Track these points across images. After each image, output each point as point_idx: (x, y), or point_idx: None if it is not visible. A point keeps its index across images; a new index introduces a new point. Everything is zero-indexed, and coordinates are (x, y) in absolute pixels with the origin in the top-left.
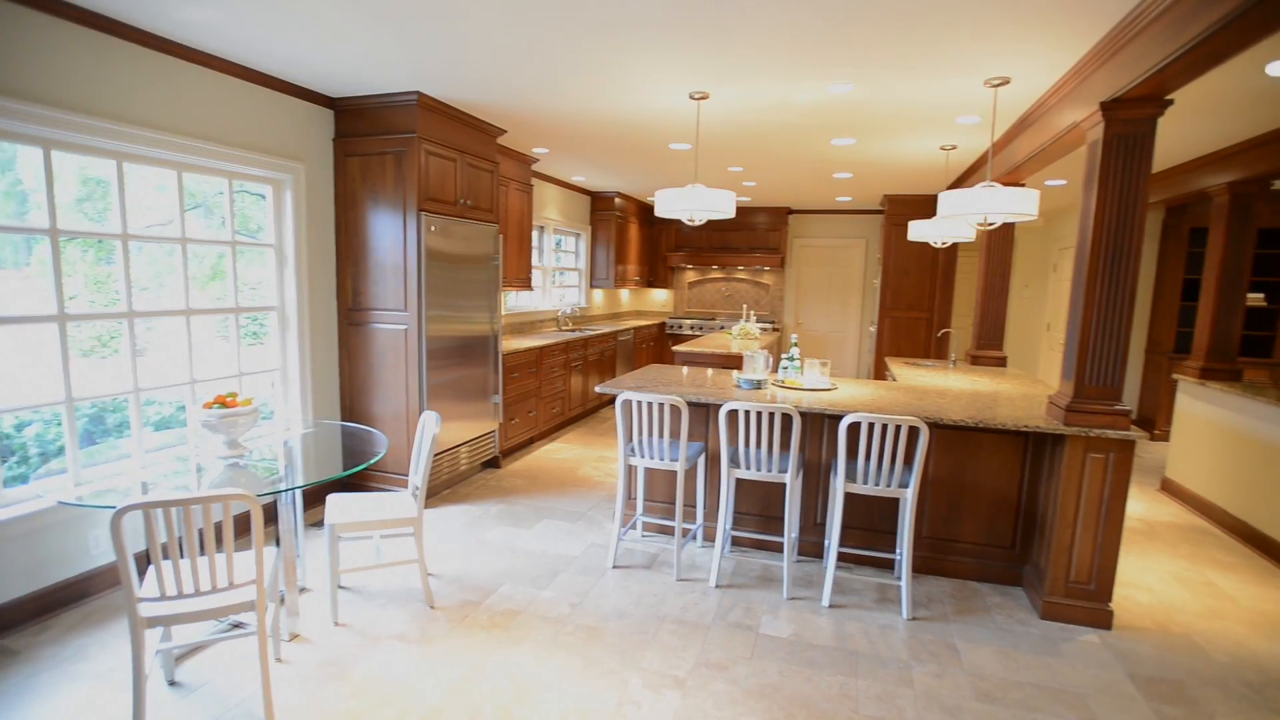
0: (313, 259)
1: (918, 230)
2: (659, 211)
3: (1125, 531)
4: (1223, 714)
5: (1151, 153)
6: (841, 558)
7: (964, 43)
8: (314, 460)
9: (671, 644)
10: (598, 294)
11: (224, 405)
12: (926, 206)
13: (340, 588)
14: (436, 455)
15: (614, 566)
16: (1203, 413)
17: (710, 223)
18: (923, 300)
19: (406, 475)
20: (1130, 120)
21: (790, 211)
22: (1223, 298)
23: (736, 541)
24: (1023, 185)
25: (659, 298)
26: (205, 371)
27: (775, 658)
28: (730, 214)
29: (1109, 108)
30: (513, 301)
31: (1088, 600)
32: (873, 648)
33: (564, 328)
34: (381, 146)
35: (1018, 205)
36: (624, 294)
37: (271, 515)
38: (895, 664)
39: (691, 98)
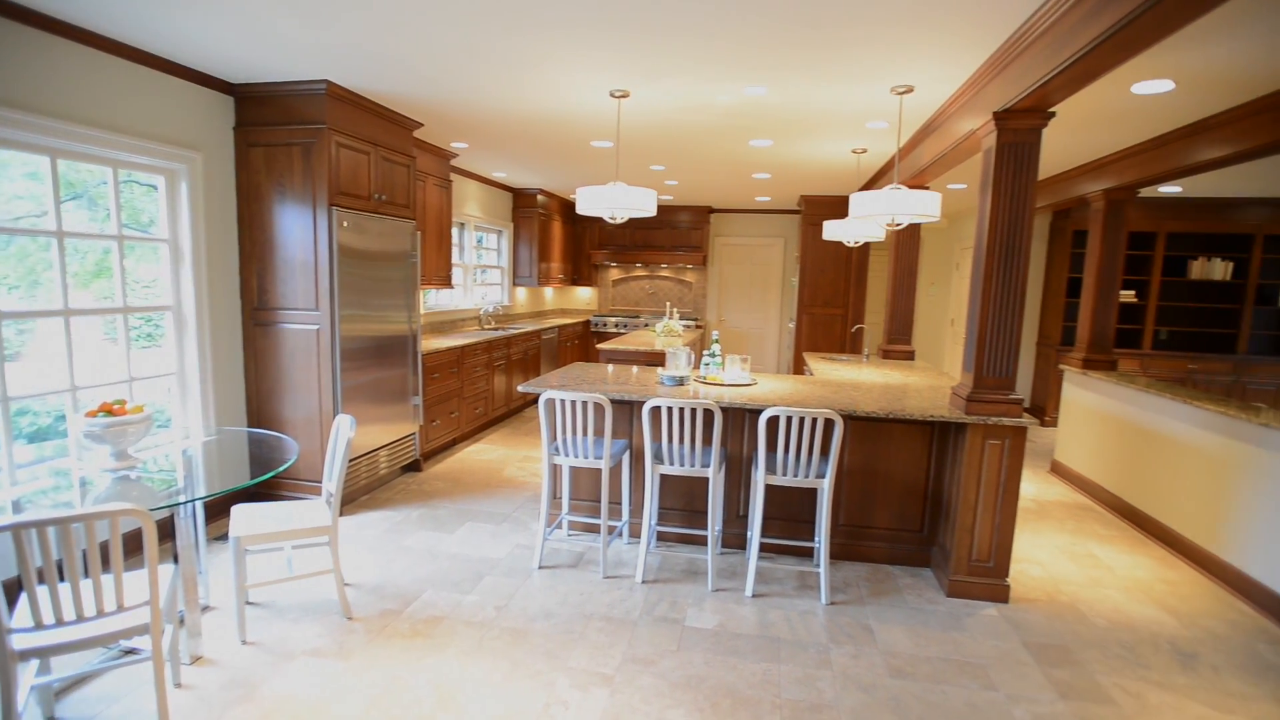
0: (213, 255)
1: (832, 230)
2: (580, 209)
3: (1020, 512)
4: (1102, 672)
5: (1038, 160)
6: (764, 548)
7: (871, 51)
8: (217, 469)
9: (599, 642)
10: (521, 292)
11: (110, 413)
12: (840, 207)
13: (248, 604)
14: (353, 460)
15: (540, 567)
16: (1085, 400)
17: (634, 221)
18: (838, 297)
19: (320, 482)
20: (1019, 130)
21: (712, 210)
22: (1100, 294)
23: (662, 537)
24: (927, 188)
25: (583, 296)
26: (90, 377)
27: (701, 649)
28: (652, 212)
29: (1001, 117)
30: (433, 300)
31: (987, 577)
32: (794, 633)
33: (486, 326)
34: (288, 137)
35: (922, 207)
36: (548, 292)
37: (169, 530)
38: (815, 648)
39: (613, 95)
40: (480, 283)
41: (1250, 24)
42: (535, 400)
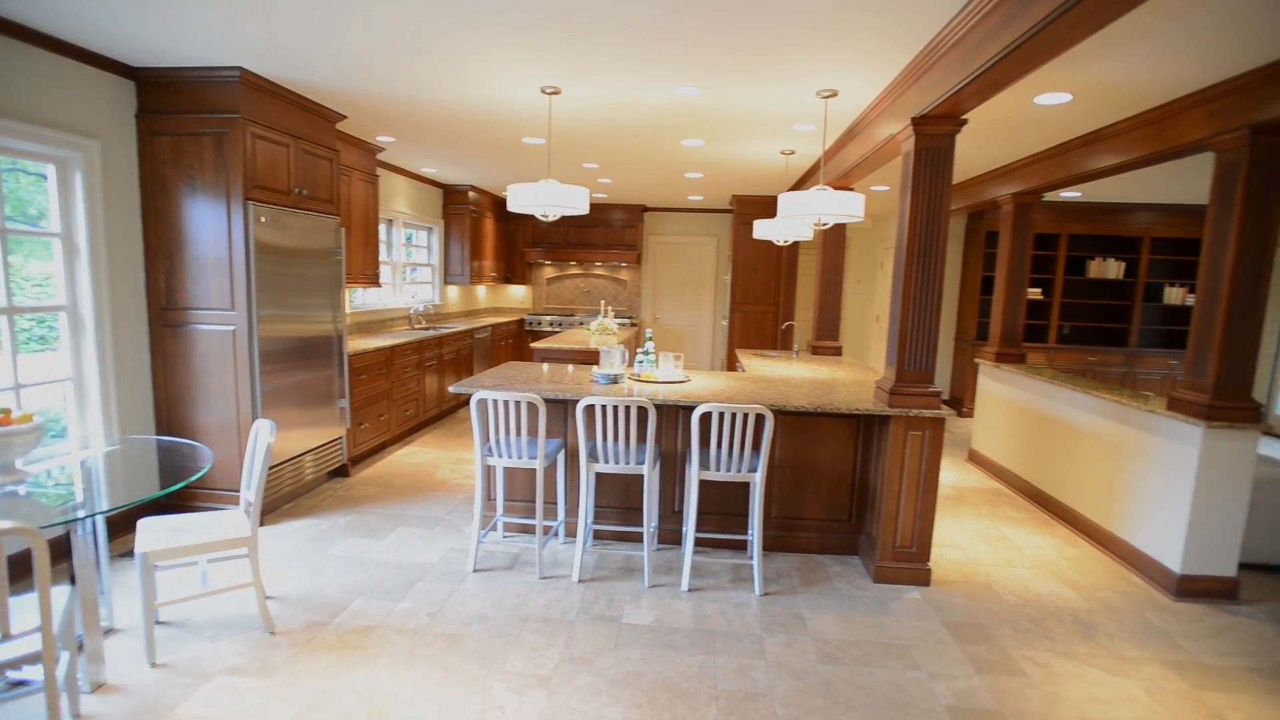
0: (114, 251)
1: (762, 229)
2: (511, 206)
3: (940, 499)
4: (1013, 645)
5: (952, 164)
6: (699, 543)
7: (797, 55)
8: (121, 481)
9: (535, 643)
10: (453, 291)
11: None
12: (771, 207)
13: (158, 623)
14: (276, 466)
15: (474, 570)
16: (998, 391)
17: (568, 219)
18: (769, 295)
19: (239, 491)
20: (935, 135)
21: (645, 209)
22: (1010, 292)
23: (598, 535)
24: (852, 189)
25: (517, 294)
26: None
27: (638, 645)
28: (584, 210)
29: (918, 123)
30: (360, 299)
31: (911, 562)
32: (729, 625)
33: (417, 326)
34: (198, 126)
35: (846, 208)
36: (480, 290)
37: (65, 549)
38: (750, 638)
39: (544, 92)
40: (410, 281)
41: (1137, 44)
42: (468, 401)
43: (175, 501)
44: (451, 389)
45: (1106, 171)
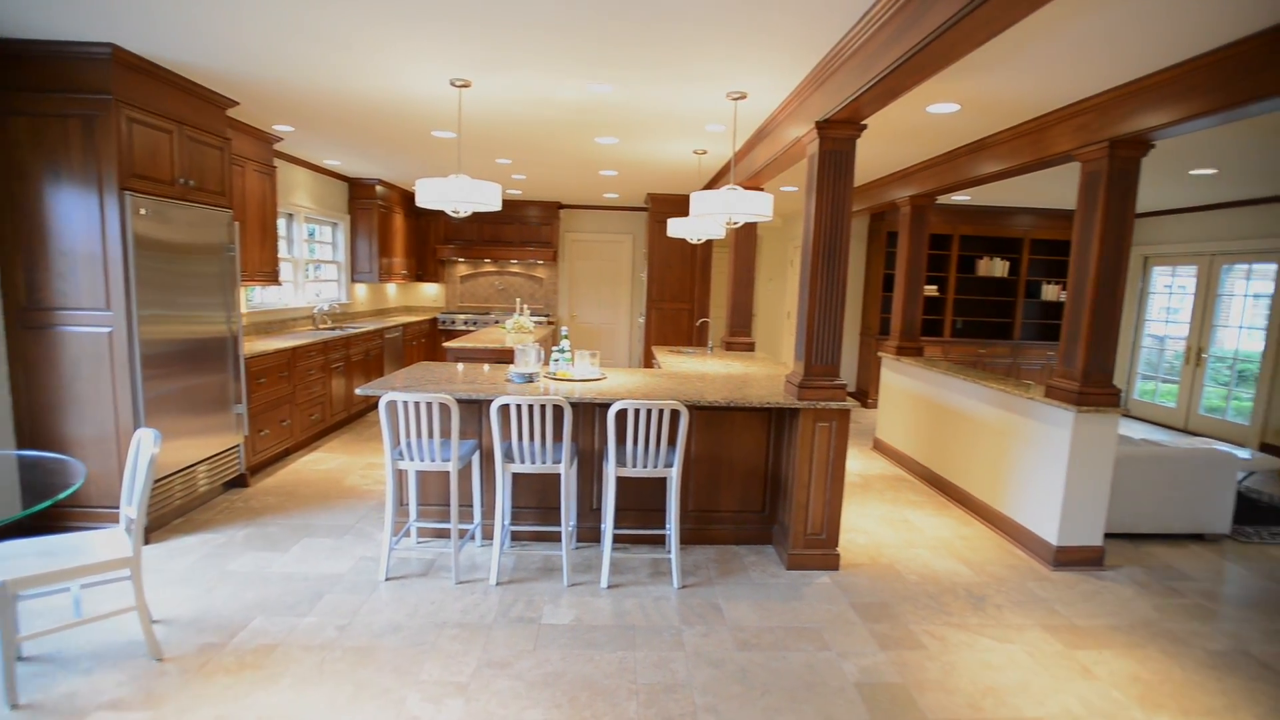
0: None
1: (676, 227)
2: (420, 201)
3: (847, 486)
4: (914, 621)
5: (853, 166)
6: (618, 539)
7: (708, 57)
8: None
9: (452, 650)
10: (361, 289)
11: None
12: (685, 205)
13: (20, 660)
14: (165, 478)
15: (387, 579)
16: (899, 383)
17: (482, 215)
18: (684, 292)
19: (119, 508)
20: (838, 138)
21: (561, 206)
22: (909, 289)
23: (516, 536)
24: (762, 189)
25: (430, 292)
26: None
27: (558, 645)
28: (497, 207)
29: (822, 127)
30: (258, 298)
31: (821, 548)
32: (648, 620)
33: (322, 326)
34: (62, 107)
35: (756, 207)
36: (390, 289)
37: None
38: (669, 631)
39: (454, 85)
40: (314, 279)
41: (1016, 60)
42: (378, 404)
43: (44, 523)
44: (359, 391)
45: (991, 177)
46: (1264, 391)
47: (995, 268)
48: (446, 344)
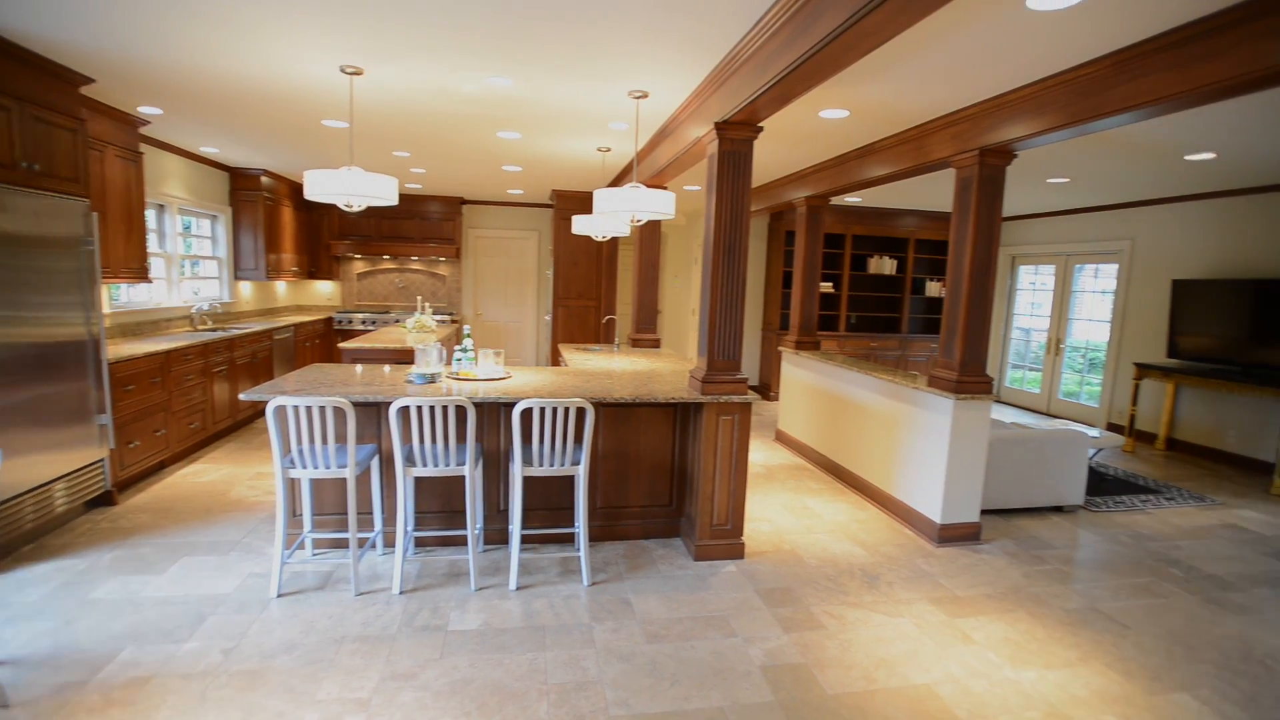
0: None
1: (580, 225)
2: (309, 194)
3: (751, 477)
4: (815, 603)
5: (751, 167)
6: (526, 540)
7: (609, 55)
8: None
9: (352, 665)
10: (246, 287)
11: None
12: (590, 202)
13: None
14: (12, 500)
15: (279, 595)
16: (798, 376)
17: (379, 210)
18: (591, 290)
19: None
20: (736, 139)
21: (464, 201)
22: (806, 286)
23: (421, 542)
24: (665, 188)
25: (324, 290)
26: None
27: (466, 652)
28: (393, 201)
29: (721, 128)
30: (125, 297)
31: (727, 538)
32: (558, 619)
33: (202, 327)
34: None
35: (658, 205)
36: (280, 286)
37: None
38: (579, 629)
39: (344, 72)
40: (192, 276)
41: (898, 71)
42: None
43: None
44: (244, 396)
45: (879, 180)
46: (1109, 377)
47: (884, 266)
48: (343, 344)
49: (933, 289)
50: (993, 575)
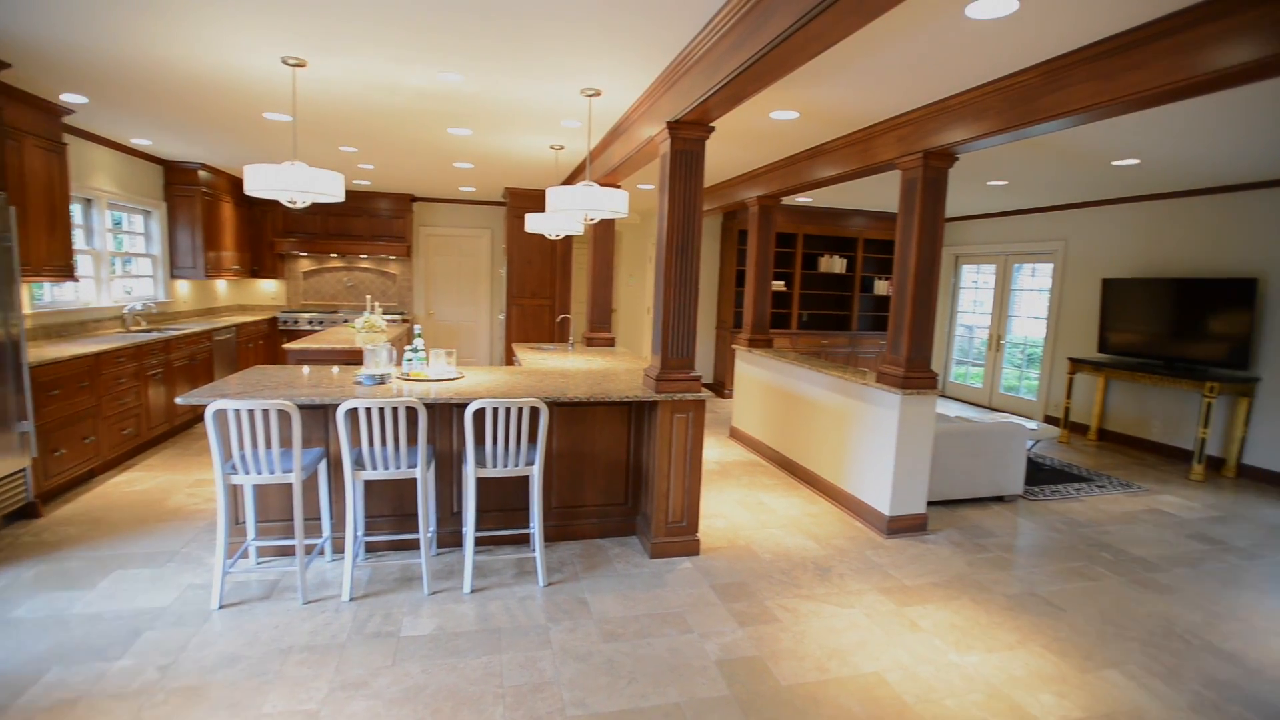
0: None
1: (533, 223)
2: (249, 190)
3: (705, 474)
4: (769, 597)
5: (703, 166)
6: (481, 542)
7: (560, 50)
8: None
9: (300, 676)
10: (183, 286)
11: None
12: (543, 200)
13: None
14: None
15: (221, 607)
16: (751, 373)
17: (325, 207)
18: (545, 288)
19: None
20: (688, 139)
21: (414, 199)
22: (758, 284)
23: (371, 547)
24: (619, 186)
25: (268, 289)
26: None
27: (418, 658)
28: (339, 198)
29: (673, 127)
30: (48, 296)
31: (682, 535)
32: (514, 621)
33: (135, 328)
34: None
35: (611, 204)
36: (221, 285)
37: None
38: (535, 630)
39: (286, 63)
40: (124, 274)
41: (846, 74)
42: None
43: None
44: (180, 400)
45: (828, 181)
46: (1046, 372)
47: (835, 265)
48: (288, 345)
49: (881, 287)
50: (939, 564)
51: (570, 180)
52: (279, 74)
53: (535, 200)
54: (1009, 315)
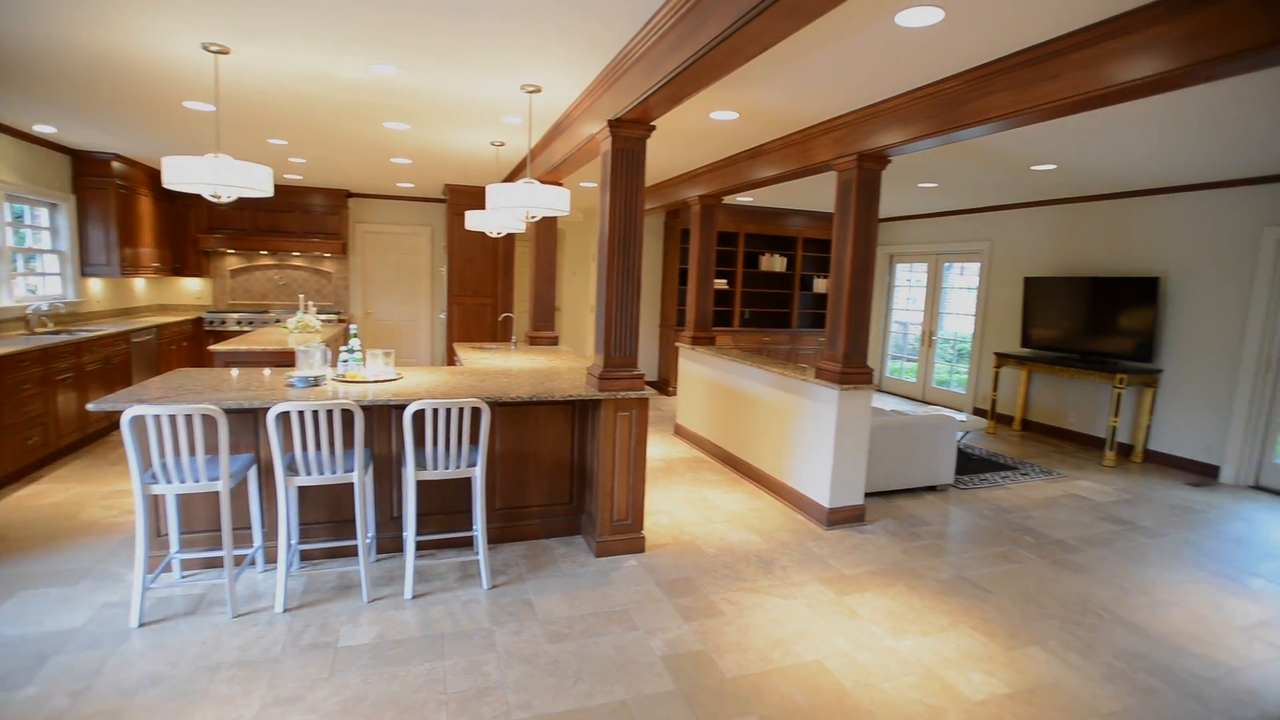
0: None
1: (474, 220)
2: (168, 183)
3: (650, 471)
4: (713, 591)
5: (644, 165)
6: (422, 546)
7: (499, 46)
8: None
9: (229, 694)
10: (95, 285)
11: None
12: (484, 198)
13: None
14: None
15: (141, 625)
16: (695, 371)
17: (255, 202)
18: (487, 287)
19: None
20: (629, 138)
21: (350, 194)
22: (701, 282)
23: (307, 555)
24: (561, 184)
25: (193, 288)
26: None
27: (358, 668)
28: (268, 192)
29: (614, 125)
30: None
31: (627, 533)
32: (457, 625)
33: (41, 329)
34: None
35: (553, 202)
36: (139, 284)
37: None
38: (479, 634)
39: (207, 49)
40: (27, 272)
41: (783, 77)
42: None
43: None
44: (92, 407)
45: (767, 181)
46: (974, 366)
47: (775, 263)
48: (215, 347)
49: (820, 285)
50: (876, 553)
51: (512, 177)
52: (200, 61)
53: (476, 197)
54: (940, 312)
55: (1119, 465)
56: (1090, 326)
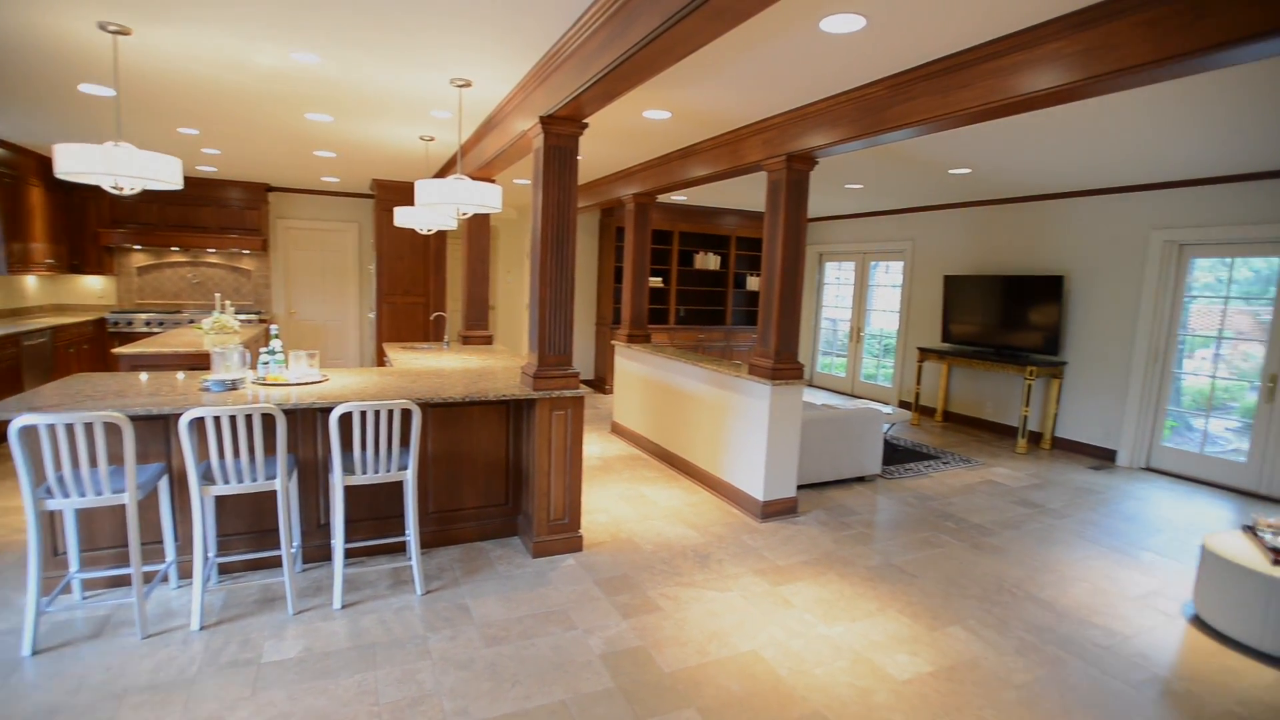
0: None
1: (403, 217)
2: (60, 171)
3: (587, 470)
4: (651, 587)
5: (576, 162)
6: (352, 553)
7: (427, 40)
8: None
9: None
10: None
11: None
12: (413, 193)
13: None
14: None
15: (35, 653)
16: (631, 368)
17: (163, 194)
18: (418, 285)
19: None
20: (561, 134)
21: (270, 188)
22: (636, 280)
23: (226, 569)
24: (494, 180)
25: (94, 286)
26: None
27: (283, 684)
28: (178, 185)
29: (546, 122)
30: None
31: (564, 532)
32: (390, 634)
33: None
34: None
35: (484, 198)
36: (30, 282)
37: None
38: (413, 642)
39: (105, 29)
40: None
41: (714, 78)
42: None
43: None
44: None
45: (700, 180)
46: (899, 360)
47: (709, 262)
48: (120, 350)
49: (753, 283)
50: (808, 544)
51: (443, 173)
52: (97, 41)
53: (405, 193)
54: (867, 309)
55: (1030, 452)
56: (1004, 322)
